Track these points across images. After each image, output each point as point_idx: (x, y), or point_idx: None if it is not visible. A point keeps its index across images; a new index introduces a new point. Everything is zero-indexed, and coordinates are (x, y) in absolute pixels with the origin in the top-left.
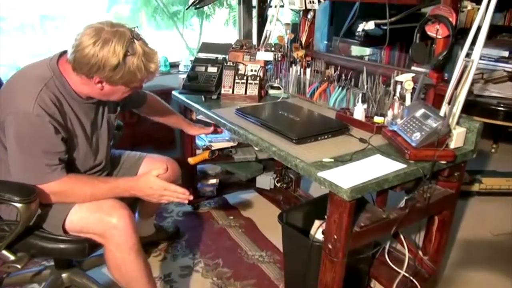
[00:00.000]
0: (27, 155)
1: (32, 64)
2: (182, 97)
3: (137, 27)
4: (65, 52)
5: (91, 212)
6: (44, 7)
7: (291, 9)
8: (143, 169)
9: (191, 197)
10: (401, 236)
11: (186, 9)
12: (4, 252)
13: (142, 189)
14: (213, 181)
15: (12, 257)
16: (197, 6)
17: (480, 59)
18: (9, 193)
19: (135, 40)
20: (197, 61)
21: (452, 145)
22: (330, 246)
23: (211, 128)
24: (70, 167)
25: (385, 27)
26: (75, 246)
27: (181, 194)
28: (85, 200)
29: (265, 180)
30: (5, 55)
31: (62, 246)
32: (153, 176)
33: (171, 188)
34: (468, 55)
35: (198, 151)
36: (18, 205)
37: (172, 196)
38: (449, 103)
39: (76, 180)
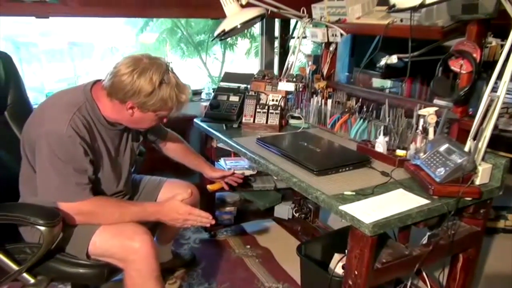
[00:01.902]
0: (59, 174)
1: (66, 90)
2: (203, 125)
3: (171, 62)
4: (99, 80)
5: (114, 235)
6: (73, 35)
7: (314, 42)
8: (163, 193)
9: (213, 222)
10: (424, 274)
11: (212, 40)
12: (25, 275)
13: (168, 214)
14: (231, 209)
15: (32, 280)
16: (222, 38)
17: (506, 93)
18: (34, 216)
19: (169, 72)
20: (219, 90)
21: (478, 181)
22: (350, 282)
23: (232, 171)
24: (94, 190)
25: (406, 59)
26: (95, 271)
27: (205, 218)
28: (111, 221)
29: (284, 210)
30: (34, 79)
31: (82, 270)
32: (178, 201)
33: (195, 213)
34: (493, 89)
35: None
36: (42, 228)
37: (196, 220)
38: (474, 139)
39: (106, 201)
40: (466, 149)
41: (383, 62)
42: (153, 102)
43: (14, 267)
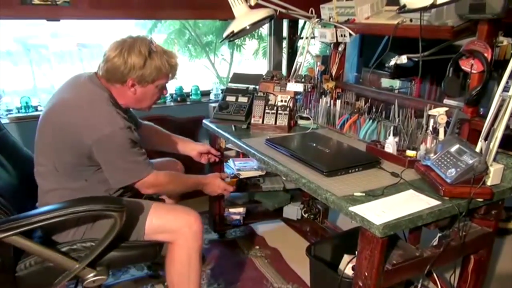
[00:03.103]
0: (129, 160)
1: (81, 92)
2: (212, 126)
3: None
4: (94, 73)
5: (168, 211)
6: (83, 36)
7: (322, 42)
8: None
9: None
10: (435, 275)
11: (220, 42)
12: (86, 269)
13: (212, 187)
14: (240, 209)
15: (93, 272)
16: (231, 39)
17: None
18: (105, 204)
19: (154, 43)
20: (228, 91)
21: (489, 182)
22: (360, 284)
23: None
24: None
25: (416, 59)
26: (149, 250)
27: (230, 190)
28: (177, 190)
29: (292, 210)
30: (44, 81)
31: (137, 252)
32: (221, 180)
33: (229, 190)
34: (505, 88)
35: (226, 179)
36: (115, 213)
37: (227, 194)
38: (485, 139)
39: (171, 173)
40: (477, 149)
41: (392, 62)
42: (149, 72)
43: (74, 263)
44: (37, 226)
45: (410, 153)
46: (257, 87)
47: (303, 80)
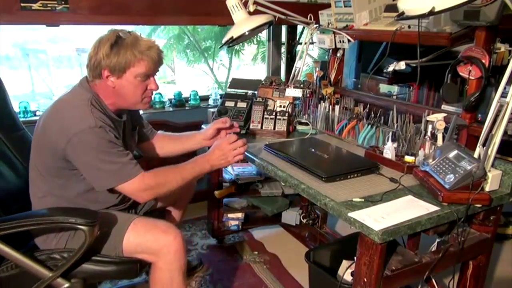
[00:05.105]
0: (108, 161)
1: (66, 95)
2: None
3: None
4: (85, 76)
5: (147, 230)
6: (81, 41)
7: (321, 48)
8: None
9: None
10: (433, 281)
11: (220, 47)
12: (59, 279)
13: (216, 155)
14: (238, 215)
15: (66, 284)
16: (230, 44)
17: None
18: (75, 217)
19: (127, 32)
20: (227, 96)
21: (487, 188)
22: None
23: (225, 119)
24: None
25: (414, 65)
26: (127, 267)
27: (241, 143)
28: (176, 185)
29: (291, 216)
30: (42, 86)
31: (115, 268)
32: (217, 141)
33: (241, 150)
34: (502, 94)
35: (224, 184)
36: (85, 228)
37: (238, 147)
38: (483, 145)
39: (164, 169)
40: (476, 155)
41: (391, 68)
42: (118, 59)
43: (47, 273)
44: (9, 233)
45: (408, 158)
46: (256, 92)
47: (301, 85)
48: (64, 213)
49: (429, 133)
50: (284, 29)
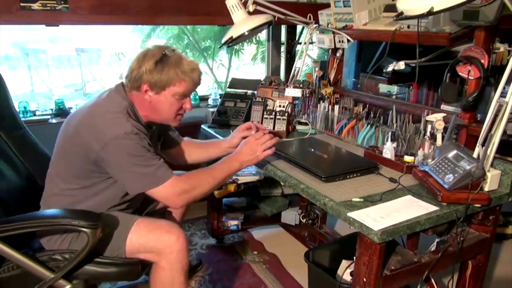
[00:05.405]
0: (143, 165)
1: (103, 100)
2: (211, 131)
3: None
4: (121, 82)
5: (150, 230)
6: (81, 41)
7: (320, 48)
8: None
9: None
10: (433, 281)
11: (219, 47)
12: (61, 281)
13: (244, 152)
14: (238, 214)
15: (68, 285)
16: (229, 44)
17: None
18: (77, 219)
19: (172, 50)
20: (226, 96)
21: (487, 188)
22: None
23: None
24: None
25: (413, 65)
26: (129, 268)
27: (268, 136)
28: (209, 188)
29: (291, 216)
30: (42, 85)
31: (116, 269)
32: (253, 139)
33: (259, 135)
34: (502, 94)
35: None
36: (87, 230)
37: (265, 141)
38: (482, 145)
39: (195, 172)
40: (475, 155)
41: (390, 68)
42: (160, 76)
43: (49, 274)
44: (13, 234)
45: (408, 158)
46: (256, 92)
47: (301, 85)
48: (67, 215)
49: (428, 133)
50: (283, 29)
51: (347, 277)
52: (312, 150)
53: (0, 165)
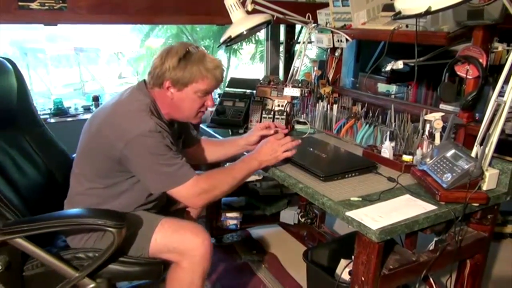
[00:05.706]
0: (165, 164)
1: (125, 98)
2: (209, 130)
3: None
4: (144, 80)
5: (175, 231)
6: (80, 40)
7: (319, 47)
8: None
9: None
10: (431, 280)
11: (218, 47)
12: (85, 279)
13: (264, 151)
14: (237, 214)
15: (92, 284)
16: (228, 44)
17: None
18: (104, 219)
19: (196, 47)
20: (225, 96)
21: (485, 187)
22: None
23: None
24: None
25: (412, 64)
26: (152, 268)
27: (289, 139)
28: (228, 188)
29: (289, 215)
30: (40, 85)
31: (140, 269)
32: (272, 139)
33: (288, 145)
34: (500, 93)
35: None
36: (113, 230)
37: (286, 141)
38: (481, 144)
39: (214, 172)
40: (473, 154)
41: (389, 67)
42: (183, 73)
43: (73, 272)
44: (39, 233)
45: (406, 158)
46: (254, 91)
47: (300, 85)
48: (93, 215)
49: (426, 132)
50: (282, 28)
51: (345, 276)
52: (311, 149)
53: (21, 163)
